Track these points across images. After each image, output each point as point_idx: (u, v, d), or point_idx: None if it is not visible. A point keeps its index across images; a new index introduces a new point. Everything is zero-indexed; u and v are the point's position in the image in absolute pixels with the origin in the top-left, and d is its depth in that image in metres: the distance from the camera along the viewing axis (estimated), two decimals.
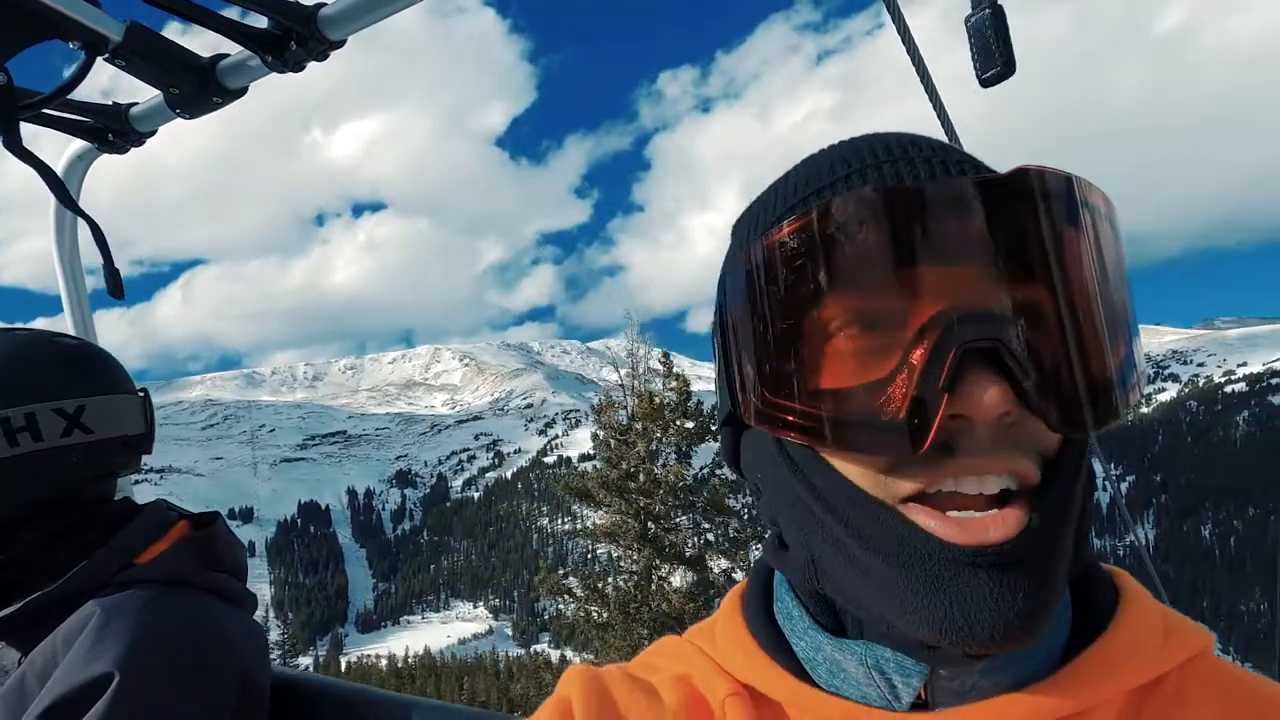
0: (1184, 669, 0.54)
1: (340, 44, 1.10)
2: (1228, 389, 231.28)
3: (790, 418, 0.51)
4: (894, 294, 0.47)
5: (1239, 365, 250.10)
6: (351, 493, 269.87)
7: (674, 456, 15.52)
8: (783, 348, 0.50)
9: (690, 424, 16.58)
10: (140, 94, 1.32)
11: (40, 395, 1.11)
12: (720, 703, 0.61)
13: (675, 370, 16.78)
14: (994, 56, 0.64)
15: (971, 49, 0.65)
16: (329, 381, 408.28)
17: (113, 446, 1.18)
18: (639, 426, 15.75)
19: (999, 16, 0.64)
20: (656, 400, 15.93)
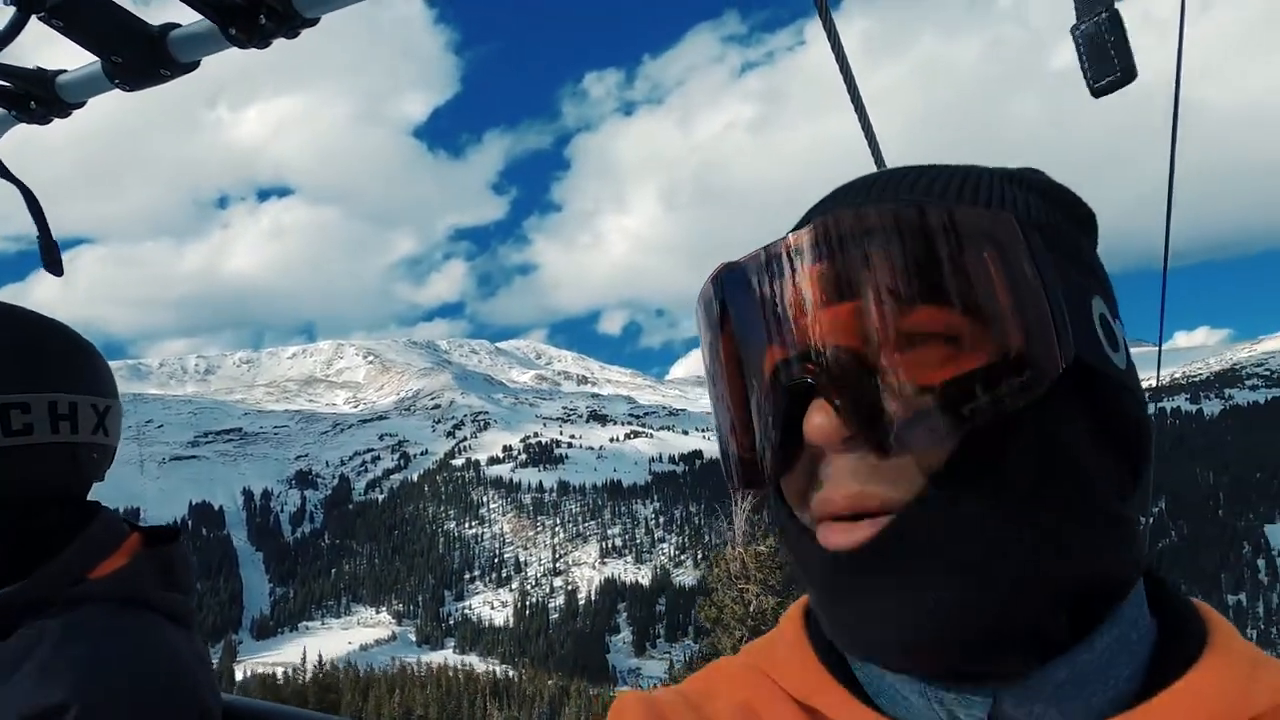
0: (1276, 712, 0.51)
1: (314, 22, 1.01)
2: None
3: (721, 462, 0.59)
4: (760, 348, 0.54)
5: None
6: (247, 493, 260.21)
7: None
8: (715, 402, 0.59)
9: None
10: (70, 60, 1.16)
11: (84, 388, 1.08)
12: None
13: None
14: (1111, 62, 0.61)
15: (1081, 58, 0.62)
16: (222, 375, 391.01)
17: (110, 454, 1.15)
18: (750, 573, 20.59)
19: (1116, 21, 0.61)
20: (763, 551, 20.44)
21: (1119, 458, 0.54)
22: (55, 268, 1.33)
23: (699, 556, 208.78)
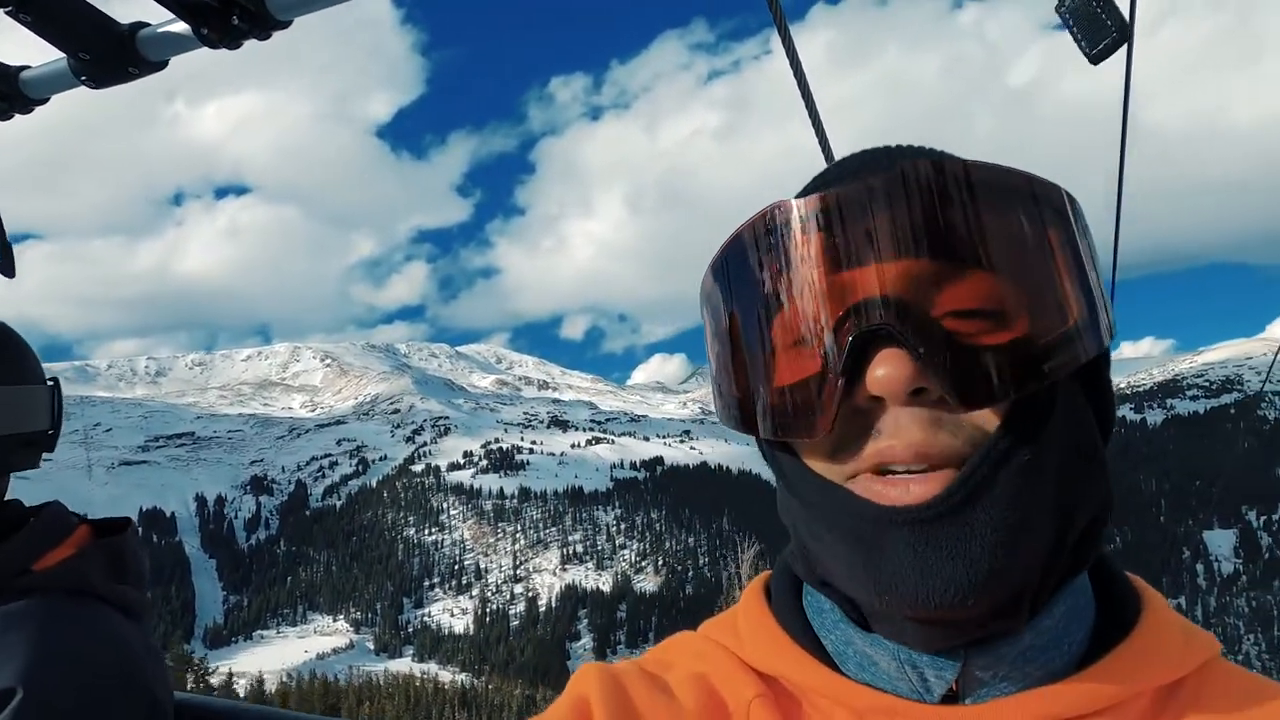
0: (1201, 672, 0.58)
1: (286, 24, 1.01)
2: None
3: (739, 412, 0.59)
4: (815, 299, 0.54)
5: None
6: (200, 499, 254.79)
7: None
8: (734, 354, 0.59)
9: None
10: (35, 55, 1.15)
11: None
12: (746, 704, 0.61)
13: None
14: (1104, 26, 0.64)
15: (1073, 31, 0.65)
16: (174, 378, 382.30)
17: (11, 445, 1.09)
18: None
19: None
20: None
21: (1103, 419, 0.60)
22: (8, 269, 1.30)
23: (659, 563, 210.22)
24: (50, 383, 1.16)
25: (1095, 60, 0.65)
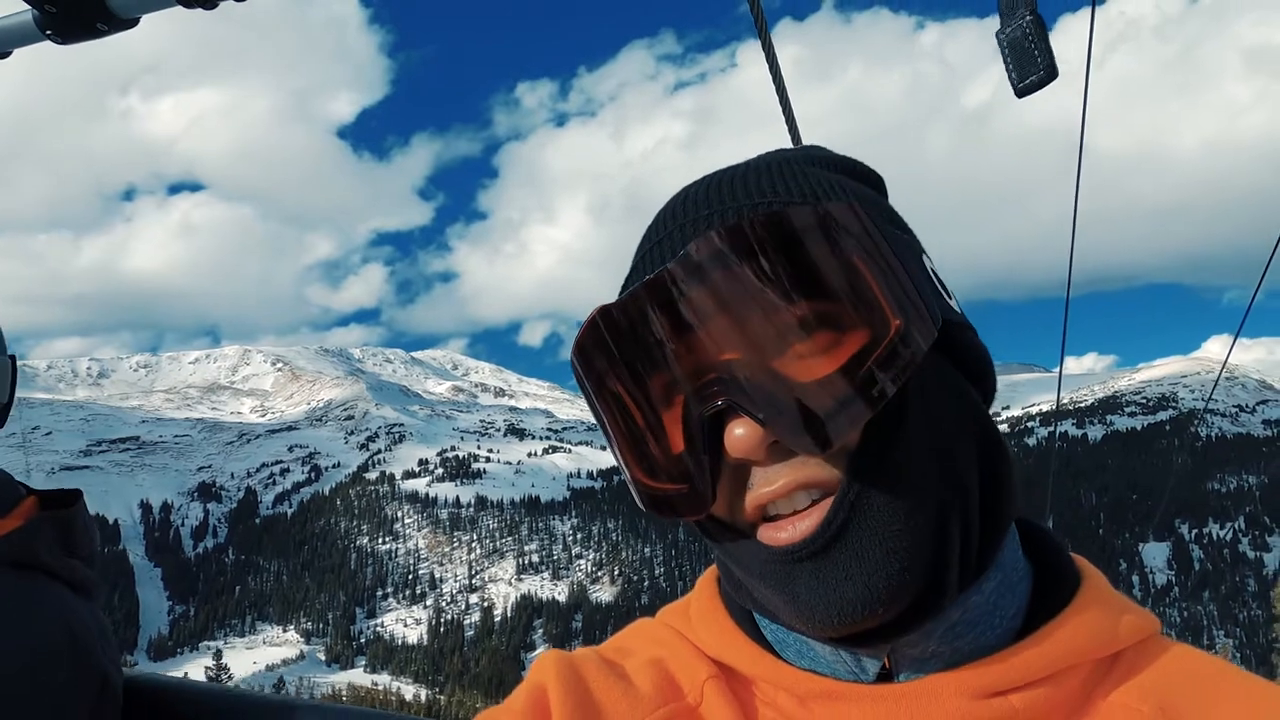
0: (1139, 648, 0.60)
1: None
2: None
3: (636, 497, 0.63)
4: (656, 395, 0.58)
5: (1003, 408, 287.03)
6: (145, 506, 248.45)
7: None
8: (614, 447, 0.63)
9: None
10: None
11: None
12: (699, 686, 0.64)
13: None
14: (1035, 63, 0.66)
15: (1006, 61, 0.67)
16: (117, 380, 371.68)
17: None
18: None
19: (1039, 24, 0.66)
20: None
21: (980, 390, 0.63)
22: None
23: (616, 573, 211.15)
24: (10, 358, 1.11)
25: (1020, 94, 0.68)
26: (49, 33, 1.02)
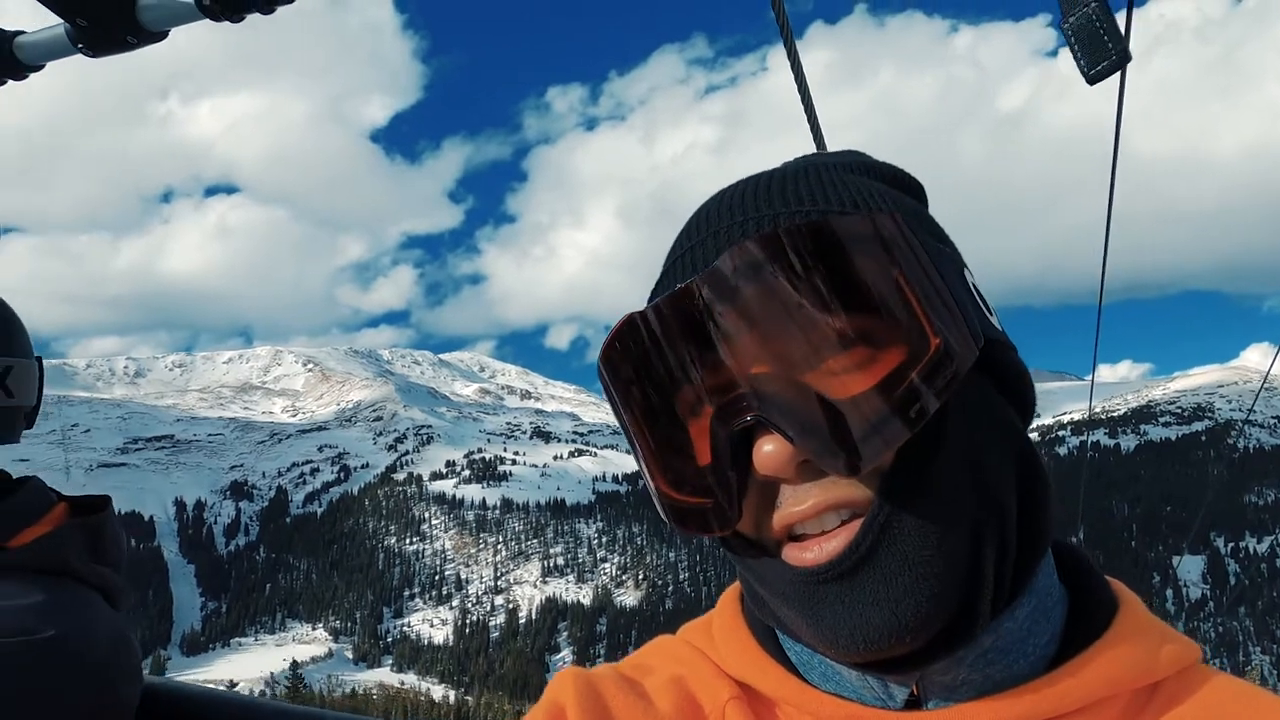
0: (1180, 677, 0.56)
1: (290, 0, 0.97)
2: None
3: (662, 511, 0.60)
4: (687, 405, 0.56)
5: (1034, 417, 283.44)
6: (179, 503, 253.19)
7: None
8: (640, 458, 0.61)
9: None
10: (31, 20, 1.11)
11: None
12: (720, 707, 0.62)
13: None
14: (1105, 48, 0.62)
15: (1074, 50, 0.64)
16: (153, 379, 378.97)
17: (19, 415, 1.09)
18: None
19: (1105, 7, 0.63)
20: None
21: (1019, 411, 0.60)
22: None
23: (640, 577, 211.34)
24: (37, 359, 1.15)
25: (1092, 80, 0.64)
26: (80, 46, 1.05)
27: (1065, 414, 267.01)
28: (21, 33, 1.12)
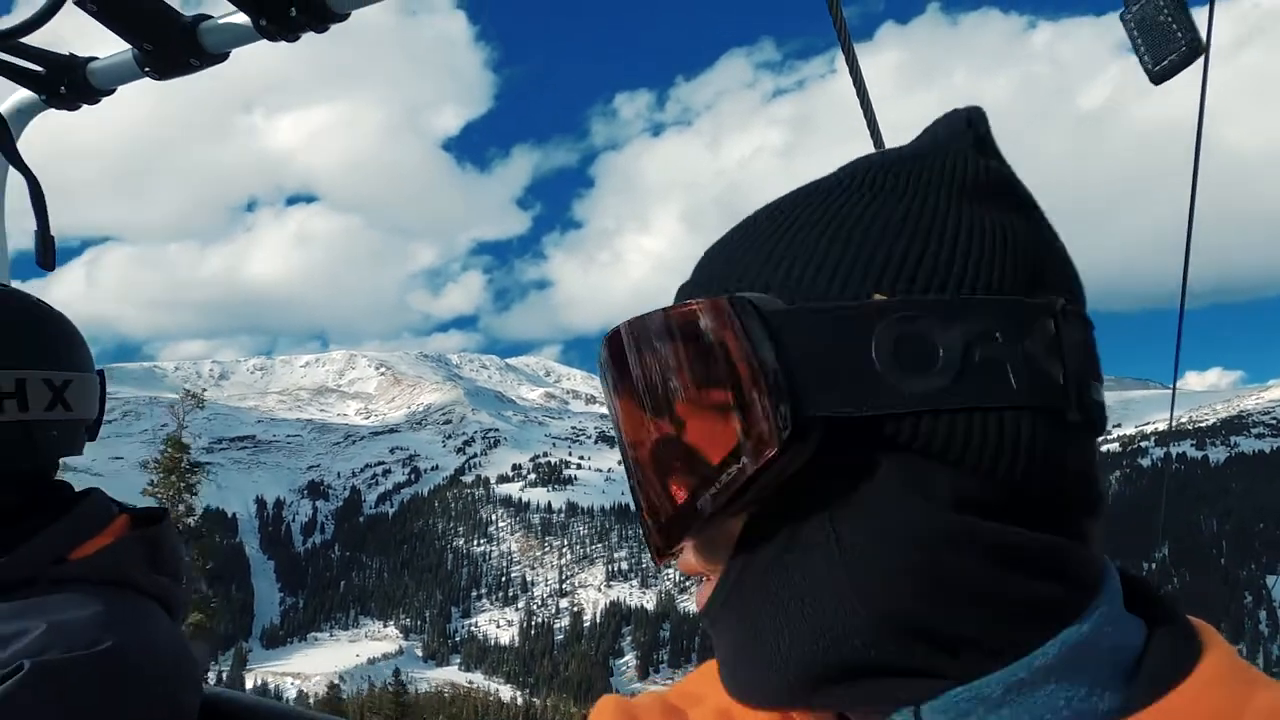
0: None
1: (343, 17, 1.02)
2: (1104, 448, 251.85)
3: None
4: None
5: (1114, 426, 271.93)
6: (260, 501, 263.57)
7: None
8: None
9: None
10: (101, 47, 1.19)
11: (32, 361, 1.01)
12: None
13: None
14: (1173, 40, 0.56)
15: (1136, 44, 0.58)
16: (235, 382, 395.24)
17: (80, 428, 1.10)
18: None
19: None
20: None
21: (963, 484, 0.48)
22: (47, 262, 1.31)
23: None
24: (99, 372, 1.15)
25: (1157, 79, 0.57)
26: (147, 70, 1.12)
27: (1148, 424, 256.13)
28: (94, 59, 1.19)
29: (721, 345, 0.49)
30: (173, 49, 1.08)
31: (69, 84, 1.21)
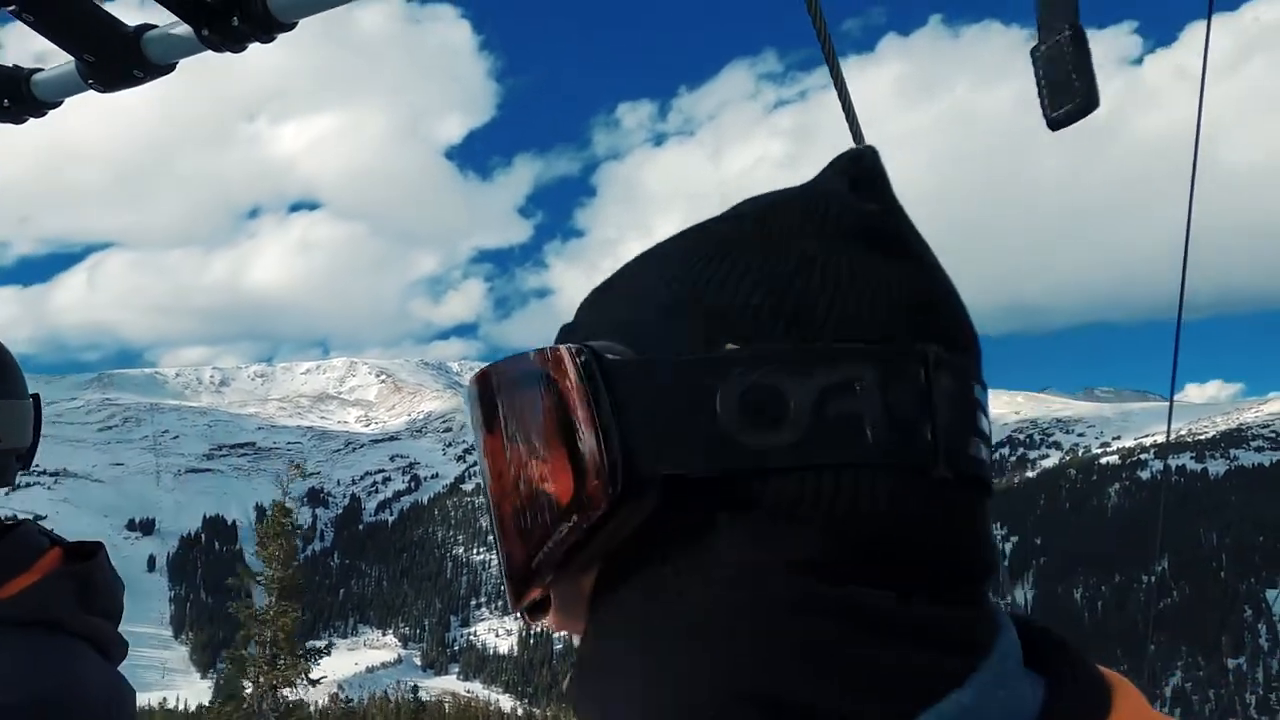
0: None
1: (289, 26, 0.98)
2: (1103, 460, 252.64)
3: None
4: None
5: (1114, 439, 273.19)
6: (260, 508, 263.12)
7: None
8: None
9: None
10: (49, 59, 1.15)
11: None
12: None
13: None
14: (1070, 89, 0.54)
15: (1040, 84, 0.55)
16: (236, 388, 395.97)
17: (11, 458, 1.04)
18: None
19: (1079, 40, 0.54)
20: None
21: (812, 544, 0.45)
22: None
23: None
24: (32, 397, 1.09)
25: (1053, 126, 0.56)
26: (90, 82, 1.07)
27: (1147, 436, 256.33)
28: (38, 70, 1.15)
29: (563, 395, 0.47)
30: (116, 61, 1.04)
31: (13, 97, 1.17)
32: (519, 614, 0.53)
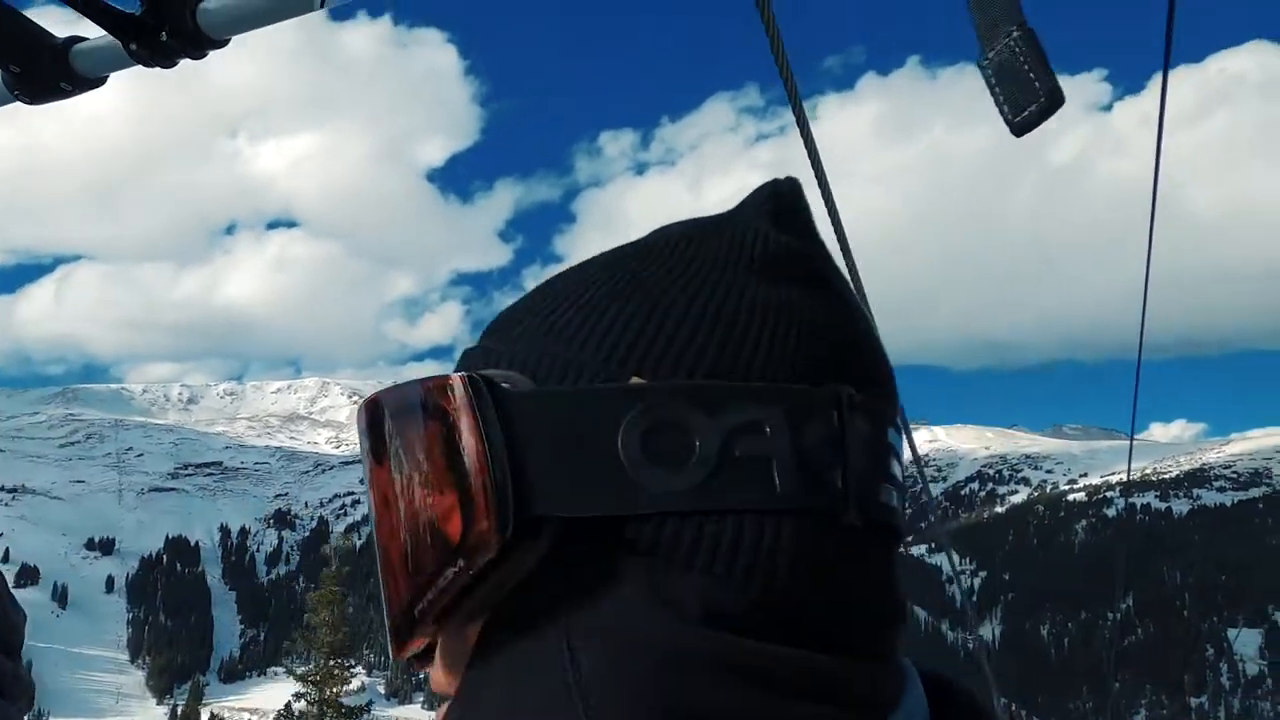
0: None
1: (221, 43, 0.96)
2: (1070, 497, 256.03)
3: None
4: None
5: (1081, 475, 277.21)
6: (224, 530, 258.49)
7: None
8: None
9: None
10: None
11: None
12: None
13: None
14: (1031, 89, 0.52)
15: (995, 93, 0.54)
16: (205, 406, 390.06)
17: None
18: None
19: (1029, 40, 0.52)
20: None
21: (711, 596, 0.42)
22: None
23: None
24: None
25: (1018, 130, 0.54)
26: (17, 93, 1.05)
27: (1114, 474, 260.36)
28: None
29: (452, 428, 0.44)
30: (43, 72, 1.02)
31: None
32: (399, 659, 0.50)
